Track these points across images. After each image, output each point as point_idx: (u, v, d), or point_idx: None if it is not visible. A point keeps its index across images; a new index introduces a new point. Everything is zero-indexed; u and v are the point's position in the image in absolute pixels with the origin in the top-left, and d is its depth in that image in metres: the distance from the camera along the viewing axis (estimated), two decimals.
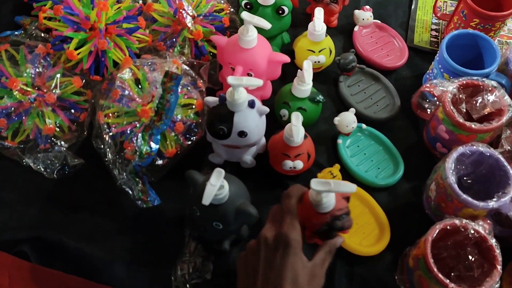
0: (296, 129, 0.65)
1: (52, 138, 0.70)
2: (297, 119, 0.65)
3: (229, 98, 0.62)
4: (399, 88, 0.82)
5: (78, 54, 0.69)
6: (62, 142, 0.70)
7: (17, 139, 0.69)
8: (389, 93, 0.82)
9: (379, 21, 0.91)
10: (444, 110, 0.69)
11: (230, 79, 0.60)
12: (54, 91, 0.68)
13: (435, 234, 0.58)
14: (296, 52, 0.83)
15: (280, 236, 0.50)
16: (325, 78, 0.84)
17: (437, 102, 0.72)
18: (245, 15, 0.67)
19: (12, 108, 0.67)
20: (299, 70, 0.71)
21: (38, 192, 0.70)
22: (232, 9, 0.83)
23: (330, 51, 0.82)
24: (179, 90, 0.66)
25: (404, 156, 0.75)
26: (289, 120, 0.66)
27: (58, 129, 0.70)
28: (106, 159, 0.67)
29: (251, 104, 0.64)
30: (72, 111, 0.71)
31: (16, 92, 0.66)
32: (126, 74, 0.67)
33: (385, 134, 0.77)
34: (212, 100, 0.65)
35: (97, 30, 0.69)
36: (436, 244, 0.61)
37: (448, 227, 0.59)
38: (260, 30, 0.70)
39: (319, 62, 0.81)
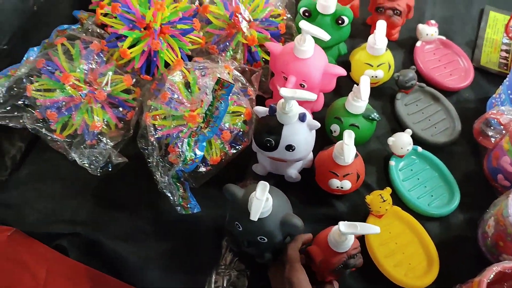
0: (347, 148, 0.61)
1: (99, 135, 0.70)
2: (349, 137, 0.62)
3: (280, 110, 0.60)
4: (460, 111, 0.78)
5: (131, 53, 0.69)
6: (108, 140, 0.70)
7: (65, 132, 0.70)
8: (449, 116, 0.77)
9: (444, 37, 0.86)
10: (510, 141, 0.64)
11: (283, 91, 0.57)
12: (104, 88, 0.68)
13: (491, 277, 0.54)
14: (353, 65, 0.79)
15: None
16: (381, 93, 0.80)
17: (503, 131, 0.67)
18: (303, 24, 0.64)
19: (63, 102, 0.68)
20: (355, 85, 0.68)
21: (81, 187, 0.71)
22: (289, 15, 0.81)
23: (389, 66, 0.78)
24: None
25: (460, 185, 0.70)
26: (339, 136, 0.63)
27: (105, 126, 0.70)
28: (150, 160, 0.66)
29: (302, 118, 0.61)
30: (120, 109, 0.71)
31: (69, 87, 0.66)
32: (176, 77, 0.65)
33: (442, 159, 0.73)
34: (262, 110, 0.63)
35: (151, 29, 0.68)
36: (490, 286, 0.56)
37: (507, 271, 0.54)
38: (316, 40, 0.67)
39: (376, 77, 0.77)
